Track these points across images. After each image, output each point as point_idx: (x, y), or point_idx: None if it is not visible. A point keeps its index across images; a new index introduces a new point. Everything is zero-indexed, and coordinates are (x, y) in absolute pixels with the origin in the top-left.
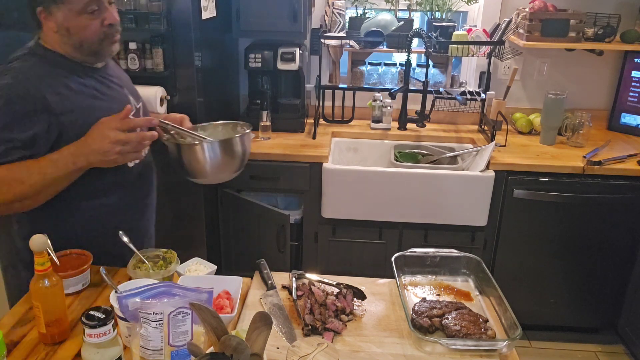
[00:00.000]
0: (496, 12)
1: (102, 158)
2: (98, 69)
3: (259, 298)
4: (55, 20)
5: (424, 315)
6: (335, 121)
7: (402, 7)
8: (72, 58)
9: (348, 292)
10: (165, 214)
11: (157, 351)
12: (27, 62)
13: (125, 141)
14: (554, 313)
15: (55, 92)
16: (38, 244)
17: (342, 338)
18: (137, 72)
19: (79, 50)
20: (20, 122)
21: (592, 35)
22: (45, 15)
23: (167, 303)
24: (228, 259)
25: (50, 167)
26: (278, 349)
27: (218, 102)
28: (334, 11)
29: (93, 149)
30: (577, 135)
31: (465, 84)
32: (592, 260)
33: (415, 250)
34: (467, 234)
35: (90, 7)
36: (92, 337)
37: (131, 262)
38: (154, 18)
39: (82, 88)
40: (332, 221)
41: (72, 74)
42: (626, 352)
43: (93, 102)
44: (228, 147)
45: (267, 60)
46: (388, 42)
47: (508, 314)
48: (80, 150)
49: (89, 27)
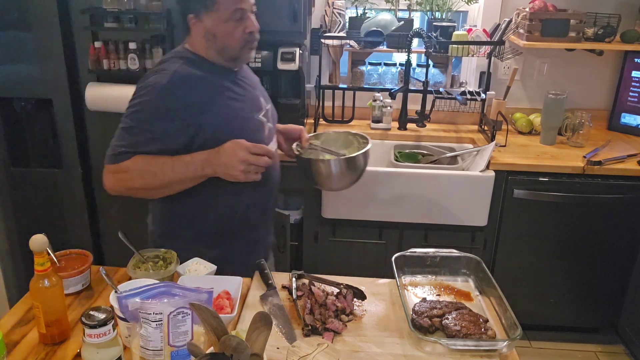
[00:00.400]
0: (496, 12)
1: (227, 172)
2: (234, 72)
3: (259, 298)
4: (203, 26)
5: (424, 315)
6: (336, 121)
7: (402, 7)
8: (213, 61)
9: (348, 292)
10: None
11: (157, 351)
12: (175, 64)
13: (251, 163)
14: (554, 313)
15: (197, 91)
16: (38, 244)
17: (342, 338)
18: (137, 72)
19: (221, 54)
20: (163, 116)
21: (592, 35)
22: (195, 22)
23: (167, 303)
24: None
25: (182, 167)
26: (278, 349)
27: None
28: (334, 11)
29: (222, 161)
30: (577, 135)
31: (466, 84)
32: (592, 260)
33: (415, 251)
34: (467, 234)
35: (235, 16)
36: (92, 337)
37: (131, 262)
38: (154, 18)
39: (220, 89)
40: (332, 221)
41: (213, 76)
42: (626, 352)
43: (229, 102)
44: (352, 162)
45: (267, 60)
46: (388, 42)
47: (508, 314)
48: (211, 160)
49: (233, 34)
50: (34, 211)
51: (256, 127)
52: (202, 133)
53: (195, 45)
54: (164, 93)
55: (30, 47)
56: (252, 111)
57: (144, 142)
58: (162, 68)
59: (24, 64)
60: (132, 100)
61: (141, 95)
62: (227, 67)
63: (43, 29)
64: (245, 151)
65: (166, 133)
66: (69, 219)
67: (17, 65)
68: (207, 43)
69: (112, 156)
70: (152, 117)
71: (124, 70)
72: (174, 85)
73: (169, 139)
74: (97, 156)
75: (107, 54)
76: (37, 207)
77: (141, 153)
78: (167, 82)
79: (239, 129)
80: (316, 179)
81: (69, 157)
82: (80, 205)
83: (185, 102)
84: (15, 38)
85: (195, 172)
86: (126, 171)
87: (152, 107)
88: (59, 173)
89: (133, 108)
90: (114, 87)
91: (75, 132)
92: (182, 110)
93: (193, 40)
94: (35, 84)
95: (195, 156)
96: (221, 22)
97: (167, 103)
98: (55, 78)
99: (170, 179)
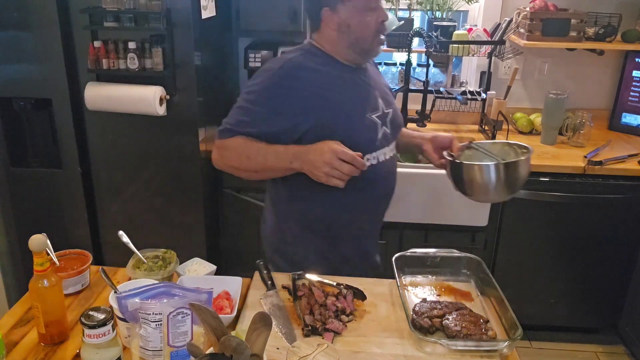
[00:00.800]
0: (497, 12)
1: (312, 170)
2: (356, 69)
3: (259, 298)
4: (338, 18)
5: (424, 315)
6: None
7: (402, 7)
8: (336, 57)
9: (348, 292)
10: (165, 214)
11: (156, 352)
12: (292, 54)
13: (335, 167)
14: (554, 313)
15: (305, 81)
16: (37, 244)
17: (342, 338)
18: (136, 71)
19: (352, 47)
20: (268, 100)
21: (593, 35)
22: (329, 14)
23: (167, 303)
24: (228, 259)
25: (273, 156)
26: (278, 350)
27: (218, 101)
28: None
29: (309, 158)
30: (577, 135)
31: (466, 84)
32: (592, 260)
33: (415, 251)
34: (468, 234)
35: (371, 4)
36: (92, 337)
37: (130, 262)
38: (154, 17)
39: (332, 83)
40: None
41: (328, 69)
42: (627, 352)
43: (339, 96)
44: (514, 169)
45: (267, 60)
46: (388, 41)
47: (509, 315)
48: (300, 155)
49: (368, 23)
50: (34, 211)
51: (366, 126)
52: (304, 123)
53: (322, 39)
54: (273, 78)
55: (30, 46)
56: (365, 110)
57: (246, 122)
58: (281, 57)
59: (24, 64)
60: (249, 81)
61: (255, 77)
62: (351, 63)
63: (42, 28)
64: (332, 154)
65: (267, 117)
66: (69, 219)
67: (17, 65)
68: (340, 35)
69: (220, 132)
70: (258, 100)
71: (124, 69)
72: (284, 71)
73: (270, 123)
74: (96, 156)
75: (107, 54)
76: (36, 207)
77: (243, 133)
78: (279, 68)
79: (345, 125)
80: (469, 188)
81: (68, 157)
82: (79, 205)
83: (291, 90)
84: (14, 38)
85: (284, 163)
86: (227, 148)
87: (257, 90)
88: (59, 173)
89: (246, 89)
90: (114, 87)
91: (74, 132)
92: (287, 97)
93: (321, 35)
94: (34, 84)
95: (288, 148)
96: (357, 11)
97: (274, 88)
98: (55, 78)
99: (262, 165)
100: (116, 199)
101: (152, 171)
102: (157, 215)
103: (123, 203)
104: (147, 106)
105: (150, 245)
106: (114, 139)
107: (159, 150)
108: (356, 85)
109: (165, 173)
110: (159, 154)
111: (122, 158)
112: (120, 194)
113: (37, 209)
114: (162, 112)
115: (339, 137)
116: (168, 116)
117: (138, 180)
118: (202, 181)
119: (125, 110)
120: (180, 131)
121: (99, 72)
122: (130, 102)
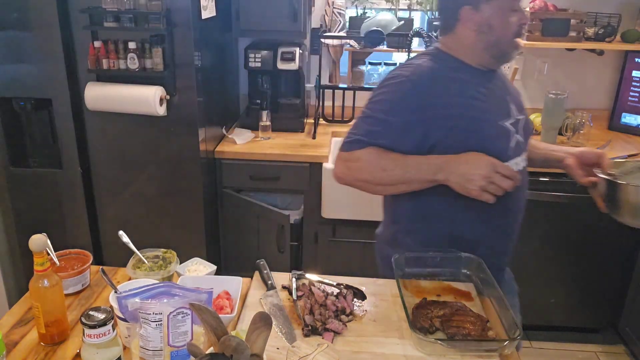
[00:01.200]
0: None
1: (462, 183)
2: (486, 74)
3: (259, 298)
4: (480, 17)
5: (424, 315)
6: (336, 121)
7: (402, 7)
8: (469, 62)
9: (348, 292)
10: (165, 214)
11: (156, 352)
12: (420, 59)
13: (494, 182)
14: (554, 313)
15: (437, 87)
16: (37, 244)
17: (342, 338)
18: (136, 71)
19: (489, 49)
20: (399, 109)
21: (593, 35)
22: (469, 14)
23: (167, 303)
24: (228, 259)
25: (414, 167)
26: (278, 350)
27: (218, 101)
28: (334, 10)
29: (461, 170)
30: (577, 135)
31: None
32: (592, 260)
33: None
34: None
35: (515, 5)
36: (92, 337)
37: (131, 262)
38: (154, 17)
39: (463, 88)
40: (332, 221)
41: (459, 74)
42: (627, 352)
43: (471, 102)
44: None
45: (267, 60)
46: (388, 41)
47: (508, 315)
48: (448, 166)
49: (510, 24)
50: (34, 211)
51: (500, 134)
52: (435, 131)
53: (453, 42)
54: (404, 86)
55: (30, 46)
56: (498, 116)
57: (377, 132)
58: (409, 63)
59: (24, 64)
60: (375, 90)
61: (383, 86)
62: (483, 67)
63: (42, 28)
64: (491, 168)
65: (399, 126)
66: (69, 219)
67: (17, 65)
68: (479, 36)
69: (347, 143)
70: (389, 108)
71: (124, 69)
72: (416, 78)
73: (402, 133)
74: (96, 156)
75: (107, 54)
76: (36, 207)
77: (374, 145)
78: (410, 74)
79: (478, 133)
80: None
81: (68, 157)
82: (79, 205)
83: (422, 97)
84: (14, 38)
85: (427, 175)
86: (357, 160)
87: (390, 99)
88: (59, 173)
89: (374, 98)
90: (114, 87)
91: (74, 132)
92: (423, 108)
93: (454, 37)
94: (34, 84)
95: (430, 158)
96: (502, 10)
97: (407, 96)
98: (55, 78)
99: (399, 177)
100: (116, 199)
101: (152, 171)
102: (157, 216)
103: (123, 203)
104: (147, 106)
105: (151, 245)
106: (114, 139)
107: (159, 150)
108: (488, 90)
109: (165, 173)
110: (159, 154)
111: (122, 158)
112: (120, 194)
113: (37, 209)
114: (162, 112)
115: (471, 147)
116: (168, 116)
117: (138, 180)
118: (202, 181)
119: (125, 110)
120: (180, 131)
121: (99, 72)
122: (130, 102)
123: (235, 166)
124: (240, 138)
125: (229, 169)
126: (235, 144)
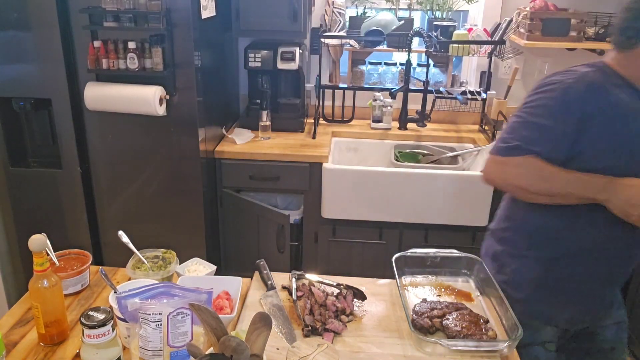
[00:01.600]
0: (497, 12)
1: (624, 207)
2: None
3: (259, 298)
4: None
5: (424, 315)
6: (335, 121)
7: (402, 7)
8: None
9: (348, 292)
10: (165, 214)
11: (156, 352)
12: (585, 68)
13: None
14: None
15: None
16: (37, 244)
17: (342, 339)
18: (136, 71)
19: None
20: (558, 116)
21: (593, 35)
22: None
23: (167, 304)
24: (228, 259)
25: (578, 182)
26: (278, 350)
27: (218, 101)
28: (334, 10)
29: (625, 194)
30: None
31: (466, 84)
32: None
33: (415, 251)
34: (468, 234)
35: None
36: (91, 337)
37: (130, 262)
38: (154, 17)
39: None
40: (332, 221)
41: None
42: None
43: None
44: None
45: (267, 60)
46: (388, 41)
47: (509, 315)
48: (613, 188)
49: None
50: (33, 211)
51: None
52: (587, 144)
53: (625, 60)
54: (569, 92)
55: (30, 46)
56: None
57: (534, 139)
58: (572, 70)
59: (23, 64)
60: (531, 95)
61: (542, 91)
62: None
63: (42, 28)
64: None
65: (558, 133)
66: (68, 219)
67: (16, 65)
68: None
69: (503, 148)
70: (547, 114)
71: (124, 69)
72: (582, 87)
73: (559, 140)
74: (96, 156)
75: (107, 54)
76: (36, 207)
77: (532, 152)
78: (574, 82)
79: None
80: None
81: (68, 157)
82: (79, 205)
83: (583, 107)
84: (14, 38)
85: (589, 193)
86: (516, 167)
87: (549, 105)
88: (59, 173)
89: (531, 103)
90: (114, 87)
91: (74, 132)
92: (578, 115)
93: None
94: (34, 84)
95: (595, 177)
96: None
97: (567, 104)
98: (55, 78)
99: (559, 189)
100: (116, 199)
101: (152, 171)
102: (157, 216)
103: (123, 203)
104: (147, 106)
105: (150, 245)
106: (114, 139)
107: (159, 150)
108: None
109: (165, 173)
110: (159, 154)
111: (122, 158)
112: (120, 194)
113: (37, 209)
114: (162, 112)
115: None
116: (168, 116)
117: (138, 180)
118: (202, 181)
119: (125, 110)
120: (180, 131)
121: (99, 72)
122: (130, 102)
123: (235, 166)
124: (240, 138)
125: (228, 169)
126: (235, 144)
